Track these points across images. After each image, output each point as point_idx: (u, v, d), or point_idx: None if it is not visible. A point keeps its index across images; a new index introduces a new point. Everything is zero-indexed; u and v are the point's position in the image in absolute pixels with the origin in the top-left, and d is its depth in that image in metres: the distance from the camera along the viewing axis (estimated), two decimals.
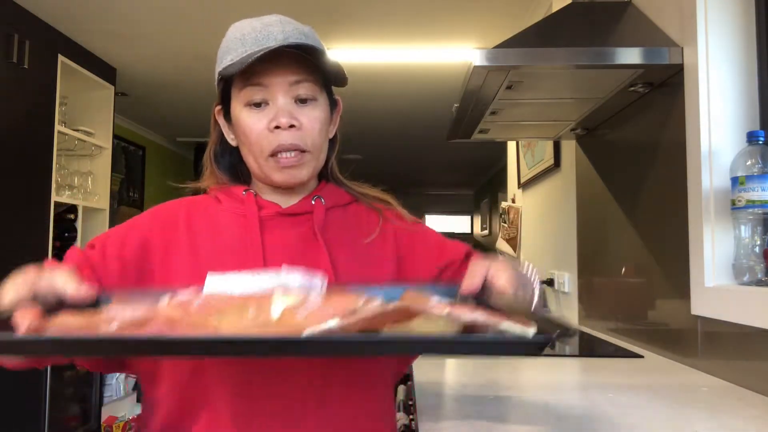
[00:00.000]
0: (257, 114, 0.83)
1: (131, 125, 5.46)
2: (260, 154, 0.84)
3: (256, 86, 0.82)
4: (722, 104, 1.24)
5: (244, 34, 0.83)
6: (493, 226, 8.29)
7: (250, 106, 0.83)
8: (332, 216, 0.91)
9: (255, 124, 0.83)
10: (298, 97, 0.83)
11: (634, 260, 1.63)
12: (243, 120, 0.84)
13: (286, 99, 0.83)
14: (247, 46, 0.82)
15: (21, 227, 3.03)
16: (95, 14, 3.13)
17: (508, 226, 3.19)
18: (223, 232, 0.86)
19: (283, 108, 0.82)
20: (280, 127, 0.82)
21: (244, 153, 0.88)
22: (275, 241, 0.85)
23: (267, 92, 0.82)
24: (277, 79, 0.82)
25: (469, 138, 2.04)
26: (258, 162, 0.85)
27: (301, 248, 0.85)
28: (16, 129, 2.99)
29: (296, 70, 0.83)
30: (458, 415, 0.98)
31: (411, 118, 5.11)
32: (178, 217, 0.88)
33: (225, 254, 0.84)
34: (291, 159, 0.83)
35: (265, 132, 0.83)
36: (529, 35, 1.45)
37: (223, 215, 0.88)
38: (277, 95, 0.82)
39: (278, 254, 0.84)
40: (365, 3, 2.92)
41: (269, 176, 0.86)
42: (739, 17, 1.25)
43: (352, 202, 0.95)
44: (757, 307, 1.06)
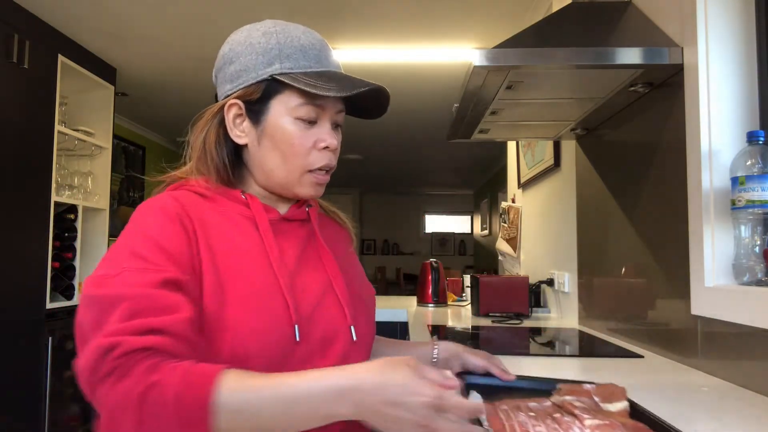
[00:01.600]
0: (307, 130, 0.88)
1: (131, 125, 5.46)
2: (299, 167, 0.88)
3: (316, 107, 0.87)
4: (722, 104, 1.24)
5: (304, 46, 0.88)
6: (493, 226, 8.29)
7: (303, 121, 0.87)
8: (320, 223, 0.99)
9: (304, 139, 0.88)
10: (337, 123, 0.92)
11: (634, 260, 1.63)
12: (291, 132, 0.87)
13: (331, 123, 0.91)
14: (310, 61, 0.88)
15: (21, 227, 3.03)
16: (95, 14, 3.13)
17: (508, 226, 3.19)
18: (235, 235, 0.85)
19: (330, 131, 0.90)
20: (329, 147, 0.89)
21: (270, 159, 0.89)
22: (282, 244, 0.89)
23: (321, 114, 0.89)
24: (333, 106, 0.90)
25: (469, 138, 2.04)
26: (291, 173, 0.89)
27: (304, 252, 0.91)
28: (16, 129, 2.99)
29: (342, 101, 0.92)
30: None
31: (411, 118, 5.12)
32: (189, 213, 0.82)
33: (242, 256, 0.83)
34: (325, 177, 0.91)
35: (312, 149, 0.88)
36: (529, 35, 1.45)
37: (230, 216, 0.86)
38: (326, 118, 0.90)
39: (288, 257, 0.88)
40: (365, 3, 2.92)
41: (295, 188, 0.90)
42: (739, 17, 1.25)
43: (322, 214, 1.04)
44: (757, 307, 1.06)
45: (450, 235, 11.18)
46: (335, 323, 0.87)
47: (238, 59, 0.89)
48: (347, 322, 0.88)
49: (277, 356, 0.79)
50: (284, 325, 0.80)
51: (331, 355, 0.85)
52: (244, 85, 0.88)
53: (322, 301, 0.88)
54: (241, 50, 0.88)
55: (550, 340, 1.81)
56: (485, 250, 9.24)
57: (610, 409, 0.89)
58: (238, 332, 0.76)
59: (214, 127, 0.90)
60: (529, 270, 2.87)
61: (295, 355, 0.81)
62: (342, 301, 0.89)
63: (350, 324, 0.88)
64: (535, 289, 2.50)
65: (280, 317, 0.81)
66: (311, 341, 0.83)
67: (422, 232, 11.28)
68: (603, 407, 0.90)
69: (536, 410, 0.89)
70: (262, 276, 0.82)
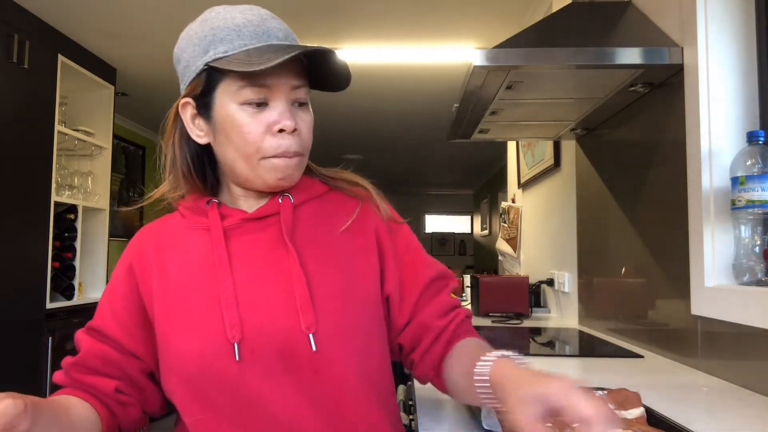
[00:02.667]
0: (257, 115, 0.79)
1: (131, 125, 5.46)
2: (255, 155, 0.80)
3: (260, 87, 0.79)
4: (722, 104, 1.24)
5: (239, 24, 0.79)
6: (493, 226, 8.29)
7: (250, 105, 0.79)
8: (305, 211, 0.87)
9: (254, 124, 0.79)
10: (297, 101, 0.82)
11: (634, 260, 1.63)
12: (240, 119, 0.79)
13: (287, 102, 0.81)
14: (246, 39, 0.79)
15: (21, 227, 3.03)
16: (95, 14, 3.13)
17: (508, 226, 3.19)
18: (189, 251, 0.85)
19: (285, 111, 0.80)
20: (285, 130, 0.80)
21: (227, 154, 0.82)
22: (241, 249, 0.83)
23: (269, 93, 0.80)
24: (282, 81, 0.80)
25: (469, 138, 2.04)
26: (250, 163, 0.81)
27: (270, 254, 0.82)
28: (16, 129, 2.99)
29: (297, 75, 0.81)
30: (458, 415, 0.98)
31: (411, 118, 5.12)
32: (146, 247, 0.87)
33: (194, 272, 0.82)
34: (290, 163, 0.81)
35: (266, 135, 0.80)
36: (529, 35, 1.45)
37: (189, 233, 0.86)
38: (278, 97, 0.80)
39: (246, 263, 0.81)
40: (366, 3, 2.92)
41: (263, 178, 0.82)
42: (739, 17, 1.25)
43: (328, 192, 0.91)
44: (757, 307, 1.06)
45: (450, 235, 11.18)
46: (293, 334, 0.77)
47: (182, 55, 0.84)
48: (304, 332, 0.77)
49: (222, 377, 0.76)
50: (222, 345, 0.76)
51: (295, 370, 0.77)
52: (188, 81, 0.83)
53: (280, 310, 0.78)
54: (184, 45, 0.83)
55: (550, 340, 1.81)
56: (485, 250, 9.24)
57: (627, 417, 0.88)
58: (180, 355, 0.79)
59: (177, 131, 0.87)
60: (529, 270, 2.87)
61: (246, 375, 0.76)
62: (300, 305, 0.78)
63: (308, 332, 0.77)
64: (535, 289, 2.50)
65: (217, 336, 0.77)
66: (264, 358, 0.76)
67: (422, 232, 11.28)
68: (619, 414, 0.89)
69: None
70: (205, 292, 0.80)
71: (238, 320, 0.77)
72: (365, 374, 0.82)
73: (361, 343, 0.82)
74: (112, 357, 0.83)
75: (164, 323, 0.82)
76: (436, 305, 0.87)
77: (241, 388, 0.76)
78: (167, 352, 0.81)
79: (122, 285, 0.86)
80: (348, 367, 0.79)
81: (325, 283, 0.81)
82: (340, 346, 0.79)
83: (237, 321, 0.77)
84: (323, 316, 0.78)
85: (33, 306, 3.13)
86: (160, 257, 0.85)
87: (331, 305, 0.80)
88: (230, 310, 0.77)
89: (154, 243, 0.87)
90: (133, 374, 0.84)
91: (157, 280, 0.84)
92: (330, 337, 0.78)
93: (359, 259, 0.86)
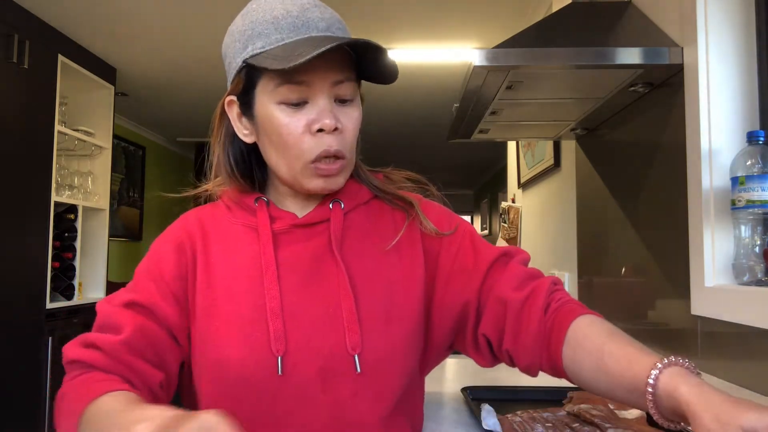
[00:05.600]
0: (295, 114, 0.74)
1: (131, 125, 5.47)
2: (297, 160, 0.75)
3: (297, 84, 0.73)
4: (722, 104, 1.24)
5: (277, 17, 0.73)
6: (493, 226, 8.29)
7: (287, 105, 0.74)
8: (354, 219, 0.82)
9: (293, 125, 0.74)
10: (339, 97, 0.76)
11: (634, 260, 1.63)
12: (278, 120, 0.74)
13: (328, 99, 0.74)
14: (284, 32, 0.73)
15: (21, 227, 3.03)
16: (95, 14, 3.13)
17: (508, 226, 3.19)
18: (236, 249, 0.80)
19: (325, 109, 0.74)
20: (324, 130, 0.73)
21: (270, 155, 0.78)
22: (290, 256, 0.78)
23: (308, 91, 0.73)
24: (321, 77, 0.73)
25: (469, 138, 2.04)
26: (292, 168, 0.76)
27: (318, 264, 0.78)
28: (16, 129, 2.99)
29: (340, 69, 0.74)
30: (458, 415, 0.98)
31: (411, 118, 5.12)
32: (194, 231, 0.82)
33: (239, 273, 0.78)
34: (332, 168, 0.75)
35: (305, 135, 0.74)
36: (529, 35, 1.45)
37: (236, 228, 0.81)
38: (318, 95, 0.74)
39: (293, 273, 0.77)
40: (366, 3, 2.91)
41: (302, 183, 0.77)
42: (739, 17, 1.25)
43: (374, 198, 0.86)
44: (757, 307, 1.06)
45: None
46: (336, 353, 0.73)
47: (227, 51, 0.79)
48: (350, 352, 0.73)
49: (260, 389, 0.72)
50: (265, 357, 0.72)
51: (331, 390, 0.73)
52: (231, 78, 0.79)
53: (324, 326, 0.75)
54: (228, 41, 0.79)
55: None
56: None
57: (627, 417, 0.88)
58: (221, 358, 0.74)
59: (223, 129, 0.83)
60: None
61: (284, 391, 0.72)
62: (347, 324, 0.74)
63: (354, 353, 0.73)
64: None
65: (261, 347, 0.73)
66: (304, 375, 0.73)
67: None
68: (619, 414, 0.89)
69: (553, 421, 0.89)
70: (252, 298, 0.75)
71: (283, 333, 0.73)
72: (402, 396, 0.78)
73: (403, 366, 0.78)
74: (161, 341, 0.74)
75: (204, 320, 0.76)
76: (508, 276, 0.77)
77: (278, 401, 0.72)
78: (205, 352, 0.76)
79: (170, 262, 0.78)
80: (388, 388, 0.76)
81: (371, 301, 0.77)
82: (383, 369, 0.75)
83: (282, 334, 0.73)
84: (369, 337, 0.75)
85: (33, 306, 3.13)
86: (205, 246, 0.80)
87: (377, 325, 0.76)
88: (276, 321, 0.73)
89: (201, 229, 0.82)
90: (172, 367, 0.76)
91: (202, 270, 0.78)
92: (375, 359, 0.74)
93: (405, 274, 0.80)
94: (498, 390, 1.10)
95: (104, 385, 0.67)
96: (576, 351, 0.70)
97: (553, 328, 0.73)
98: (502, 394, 1.08)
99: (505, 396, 1.07)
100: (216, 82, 3.84)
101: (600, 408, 0.91)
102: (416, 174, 0.91)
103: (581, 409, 0.90)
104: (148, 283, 0.77)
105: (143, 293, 0.76)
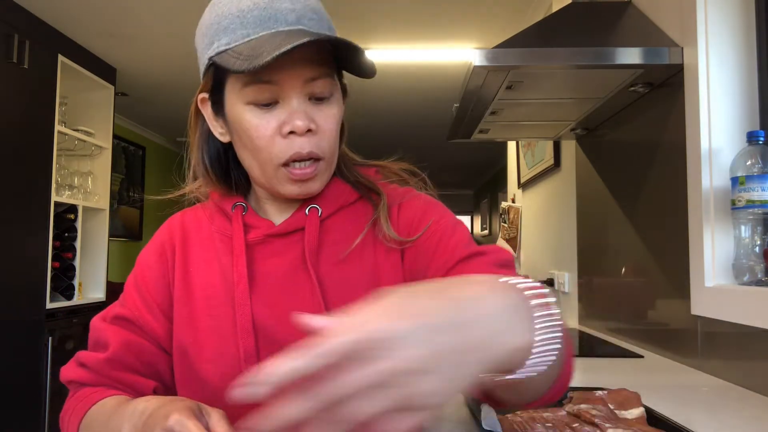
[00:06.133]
0: (265, 115, 0.69)
1: (131, 125, 5.46)
2: (269, 163, 0.70)
3: (266, 83, 0.67)
4: (722, 104, 1.24)
5: (243, 10, 0.68)
6: (493, 226, 8.29)
7: (256, 106, 0.69)
8: (333, 224, 0.77)
9: (262, 127, 0.69)
10: (313, 95, 0.70)
11: (634, 260, 1.63)
12: (246, 121, 0.69)
13: (300, 98, 0.69)
14: (249, 27, 0.67)
15: (21, 227, 3.03)
16: (95, 14, 3.13)
17: (508, 226, 3.19)
18: (212, 259, 0.77)
19: (297, 110, 0.68)
20: (296, 132, 0.68)
21: (244, 157, 0.74)
22: (263, 269, 0.75)
23: (278, 90, 0.68)
24: (291, 75, 0.67)
25: (469, 138, 2.04)
26: (265, 171, 0.72)
27: (292, 276, 0.74)
28: (16, 129, 2.99)
29: (313, 65, 0.68)
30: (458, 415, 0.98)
31: (411, 118, 5.12)
32: (174, 236, 0.80)
33: (215, 285, 0.76)
34: (306, 171, 0.70)
35: (275, 137, 0.69)
36: (529, 35, 1.45)
37: (214, 237, 0.79)
38: (289, 94, 0.68)
39: (266, 287, 0.74)
40: (366, 3, 2.91)
41: (276, 188, 0.73)
42: (739, 17, 1.25)
43: (359, 199, 0.80)
44: (757, 307, 1.06)
45: None
46: None
47: (197, 46, 0.74)
48: None
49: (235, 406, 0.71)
50: (237, 372, 0.69)
51: None
52: (202, 75, 0.74)
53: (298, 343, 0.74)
54: (197, 34, 0.74)
55: None
56: None
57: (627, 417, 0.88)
58: (200, 371, 0.73)
59: (199, 127, 0.79)
60: (529, 270, 2.87)
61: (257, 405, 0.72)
62: None
63: None
64: None
65: (234, 363, 0.71)
66: None
67: None
68: (619, 414, 0.89)
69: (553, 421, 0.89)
70: (226, 311, 0.73)
71: (255, 351, 0.70)
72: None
73: None
74: (147, 353, 0.75)
75: (182, 330, 0.75)
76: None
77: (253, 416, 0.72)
78: (183, 361, 0.75)
79: (154, 271, 0.78)
80: None
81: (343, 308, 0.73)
82: None
83: (254, 352, 0.70)
84: None
85: (33, 306, 3.13)
86: (184, 253, 0.79)
87: None
88: (247, 340, 0.70)
89: (182, 235, 0.80)
90: (165, 375, 0.76)
91: (180, 277, 0.77)
92: None
93: (384, 281, 0.74)
94: None
95: (95, 396, 0.71)
96: None
97: None
98: None
99: None
100: None
101: (600, 408, 0.91)
102: (413, 166, 0.85)
103: (581, 409, 0.90)
104: (134, 295, 0.78)
105: (130, 307, 0.77)
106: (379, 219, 0.76)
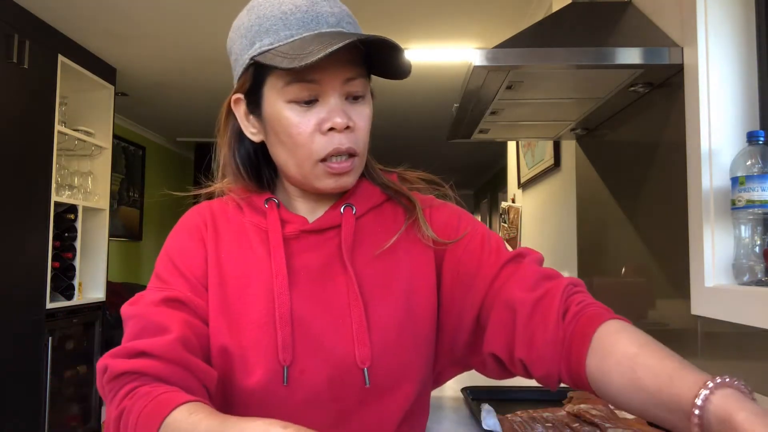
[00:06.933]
0: (305, 113, 0.72)
1: (131, 125, 5.47)
2: (307, 159, 0.73)
3: (308, 82, 0.71)
4: (722, 104, 1.24)
5: (285, 12, 0.71)
6: (493, 226, 8.30)
7: (297, 104, 0.72)
8: (366, 223, 0.80)
9: (303, 124, 0.72)
10: (350, 95, 0.74)
11: (634, 260, 1.63)
12: (287, 119, 0.72)
13: (339, 97, 0.73)
14: (293, 28, 0.71)
15: (21, 227, 3.03)
16: (95, 14, 3.13)
17: (508, 226, 3.19)
18: (247, 249, 0.78)
19: (336, 107, 0.72)
20: (335, 128, 0.72)
21: (279, 153, 0.76)
22: (299, 262, 0.76)
23: (318, 89, 0.72)
24: (332, 75, 0.71)
25: (469, 138, 2.04)
26: (302, 167, 0.74)
27: (328, 271, 0.76)
28: (16, 129, 2.99)
29: (351, 65, 0.73)
30: (458, 415, 0.98)
31: (411, 118, 5.12)
32: (206, 221, 0.80)
33: (250, 275, 0.76)
34: (344, 165, 0.74)
35: (315, 134, 0.72)
36: (529, 35, 1.45)
37: (247, 228, 0.79)
38: (329, 93, 0.72)
39: (302, 280, 0.75)
40: (365, 3, 2.91)
41: (312, 183, 0.75)
42: (739, 17, 1.25)
43: (386, 200, 0.83)
44: (757, 307, 1.06)
45: None
46: (345, 365, 0.72)
47: (233, 47, 0.77)
48: (359, 365, 0.72)
49: (267, 397, 0.71)
50: (273, 365, 0.71)
51: (341, 399, 0.72)
52: (238, 75, 0.77)
53: (333, 335, 0.73)
54: (233, 36, 0.77)
55: None
56: None
57: (627, 417, 0.88)
58: (233, 361, 0.72)
59: (230, 128, 0.81)
60: None
61: (289, 402, 0.71)
62: (356, 336, 0.72)
63: (363, 367, 0.71)
64: None
65: (270, 355, 0.71)
66: (311, 385, 0.72)
67: None
68: (619, 414, 0.89)
69: (553, 421, 0.89)
70: (261, 303, 0.74)
71: (291, 342, 0.71)
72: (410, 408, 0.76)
73: (413, 380, 0.76)
74: (204, 336, 0.72)
75: (216, 317, 0.74)
76: (519, 277, 0.72)
77: (283, 407, 0.71)
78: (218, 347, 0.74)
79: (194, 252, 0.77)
80: (395, 401, 0.74)
81: (383, 312, 0.74)
82: (392, 383, 0.74)
83: (290, 342, 0.71)
84: (379, 350, 0.73)
85: (33, 306, 3.13)
86: (216, 240, 0.78)
87: (388, 337, 0.74)
88: (284, 329, 0.71)
89: (213, 221, 0.80)
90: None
91: (213, 264, 0.76)
92: (384, 374, 0.73)
93: (419, 281, 0.78)
94: (498, 390, 1.10)
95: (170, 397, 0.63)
96: (603, 361, 0.62)
97: (575, 334, 0.65)
98: (502, 394, 1.08)
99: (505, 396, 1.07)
100: (216, 81, 3.84)
101: (600, 408, 0.91)
102: (430, 174, 0.90)
103: (581, 409, 0.90)
104: (177, 278, 0.75)
105: (176, 289, 0.73)
106: (416, 219, 0.80)
